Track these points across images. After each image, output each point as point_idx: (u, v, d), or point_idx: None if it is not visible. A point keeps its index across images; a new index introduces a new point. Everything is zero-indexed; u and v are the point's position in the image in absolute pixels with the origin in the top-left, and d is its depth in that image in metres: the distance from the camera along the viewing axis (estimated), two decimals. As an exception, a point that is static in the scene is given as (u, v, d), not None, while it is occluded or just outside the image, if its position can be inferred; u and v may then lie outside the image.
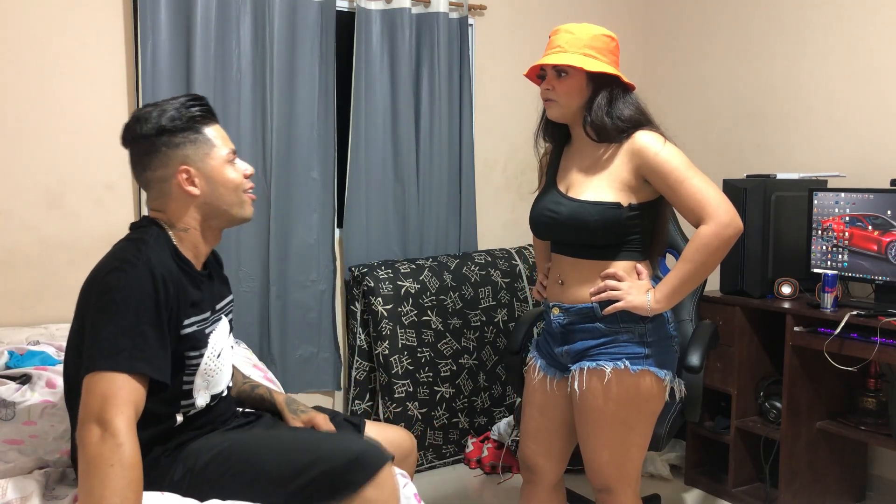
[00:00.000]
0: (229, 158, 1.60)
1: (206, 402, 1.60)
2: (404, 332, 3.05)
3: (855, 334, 2.45)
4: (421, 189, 3.30)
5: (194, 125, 1.55)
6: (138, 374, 1.36)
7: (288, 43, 2.97)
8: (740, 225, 1.69)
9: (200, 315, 1.56)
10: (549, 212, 1.82)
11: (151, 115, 1.53)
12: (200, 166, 1.56)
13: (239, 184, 1.61)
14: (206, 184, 1.56)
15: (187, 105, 1.56)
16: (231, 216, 1.62)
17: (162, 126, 1.52)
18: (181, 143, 1.54)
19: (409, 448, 1.85)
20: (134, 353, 1.36)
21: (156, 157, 1.54)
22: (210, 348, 1.58)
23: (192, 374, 1.55)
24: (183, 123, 1.54)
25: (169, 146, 1.53)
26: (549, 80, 1.79)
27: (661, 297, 1.74)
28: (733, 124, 3.44)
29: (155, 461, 1.52)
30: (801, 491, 2.74)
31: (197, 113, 1.56)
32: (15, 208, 2.59)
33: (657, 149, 1.71)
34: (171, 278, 1.46)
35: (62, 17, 2.62)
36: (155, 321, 1.41)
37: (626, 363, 1.75)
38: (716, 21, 3.50)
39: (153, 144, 1.53)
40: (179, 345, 1.51)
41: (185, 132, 1.54)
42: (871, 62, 2.90)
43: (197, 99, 1.58)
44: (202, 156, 1.56)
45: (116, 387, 1.33)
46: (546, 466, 1.96)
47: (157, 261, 1.46)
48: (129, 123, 1.56)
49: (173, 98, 1.58)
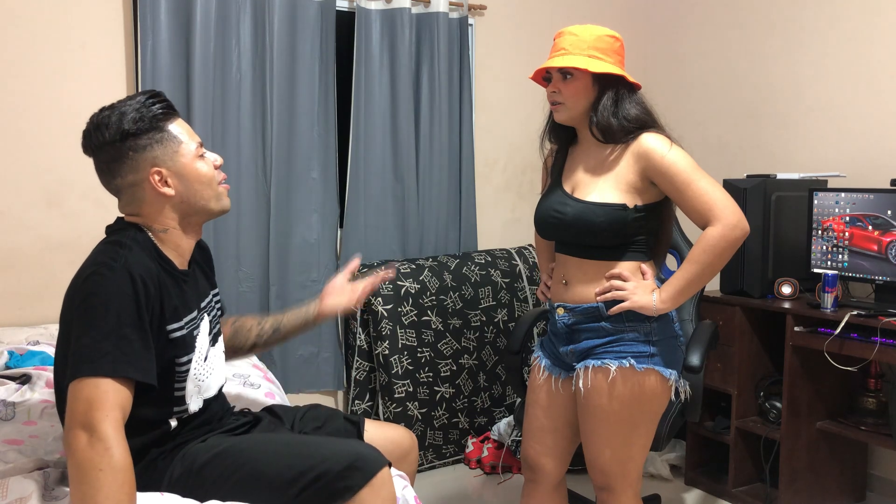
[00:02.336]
0: (199, 152, 1.56)
1: (198, 406, 1.59)
2: (404, 332, 3.05)
3: (855, 334, 2.45)
4: (421, 189, 3.30)
5: (157, 124, 1.50)
6: (123, 377, 1.34)
7: (288, 43, 2.97)
8: (747, 227, 1.69)
9: (188, 316, 1.54)
10: (555, 212, 1.82)
11: (111, 121, 1.47)
12: (171, 165, 1.51)
13: (212, 177, 1.57)
14: (180, 182, 1.52)
15: (147, 104, 1.50)
16: (209, 210, 1.58)
17: (125, 130, 1.46)
18: (147, 145, 1.49)
19: (409, 446, 1.85)
20: (117, 356, 1.34)
21: (124, 164, 1.49)
22: (197, 352, 1.56)
23: (182, 380, 1.53)
24: (146, 124, 1.48)
25: (136, 150, 1.48)
26: (554, 83, 1.79)
27: (667, 297, 1.74)
28: (733, 124, 3.44)
29: (152, 463, 1.52)
30: (801, 491, 2.74)
31: (159, 111, 1.50)
32: (15, 208, 2.59)
33: (664, 151, 1.71)
34: (151, 279, 1.44)
35: (62, 16, 2.62)
36: (136, 323, 1.39)
37: (631, 361, 1.75)
38: (716, 21, 3.50)
39: (119, 150, 1.48)
40: (168, 349, 1.49)
41: (149, 133, 1.49)
42: (871, 62, 2.90)
43: (155, 95, 1.53)
44: (171, 154, 1.51)
45: (101, 391, 1.31)
46: (549, 466, 1.95)
47: (136, 262, 1.43)
48: (87, 131, 1.50)
49: (129, 98, 1.51)
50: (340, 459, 1.47)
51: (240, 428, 1.69)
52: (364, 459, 1.48)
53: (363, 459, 1.48)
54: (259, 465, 1.49)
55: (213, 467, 1.50)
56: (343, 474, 1.45)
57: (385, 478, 1.49)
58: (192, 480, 1.50)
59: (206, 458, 1.51)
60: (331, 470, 1.45)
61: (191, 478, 1.50)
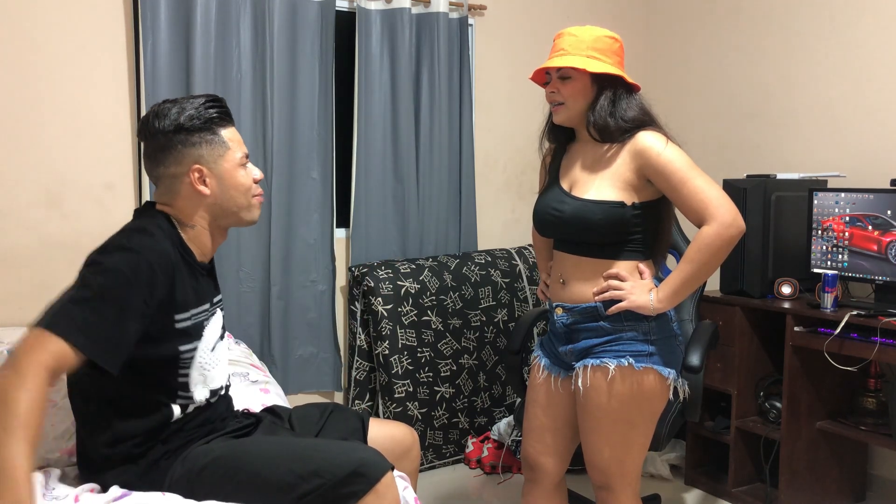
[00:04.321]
0: (242, 162, 1.63)
1: (205, 397, 1.60)
2: (404, 332, 3.05)
3: (855, 334, 2.45)
4: (421, 189, 3.30)
5: (211, 126, 1.58)
6: (72, 344, 1.33)
7: (288, 43, 2.97)
8: (742, 225, 1.70)
9: (199, 307, 1.58)
10: (553, 210, 1.82)
11: (170, 112, 1.55)
12: (213, 167, 1.58)
13: (249, 187, 1.64)
14: (218, 185, 1.59)
15: (207, 105, 1.58)
16: (239, 218, 1.65)
17: (180, 124, 1.55)
18: (197, 143, 1.56)
19: (410, 443, 1.86)
20: (79, 324, 1.34)
21: (170, 154, 1.56)
22: (204, 341, 1.59)
23: (186, 366, 1.55)
24: (200, 123, 1.56)
25: (185, 144, 1.56)
26: (553, 84, 1.80)
27: (664, 296, 1.74)
28: (733, 124, 3.44)
29: (155, 463, 1.52)
30: (801, 491, 2.74)
31: (215, 114, 1.59)
32: (14, 208, 2.59)
33: (660, 149, 1.71)
34: (165, 266, 1.47)
35: (62, 17, 2.62)
36: (122, 304, 1.39)
37: (630, 360, 1.75)
38: (716, 21, 3.50)
39: (169, 141, 1.55)
40: (174, 337, 1.52)
41: (201, 132, 1.57)
42: (871, 62, 2.90)
43: (216, 100, 1.61)
44: (216, 157, 1.58)
45: (43, 343, 1.31)
46: (549, 465, 1.96)
47: (153, 248, 1.46)
48: (146, 117, 1.58)
49: (193, 97, 1.60)
50: (344, 465, 1.47)
51: (242, 430, 1.69)
52: (367, 465, 1.48)
53: (367, 465, 1.48)
54: (260, 469, 1.49)
55: (213, 469, 1.51)
56: (347, 480, 1.45)
57: (389, 483, 1.49)
58: (193, 482, 1.50)
59: (207, 460, 1.52)
60: (334, 476, 1.45)
61: (191, 479, 1.50)
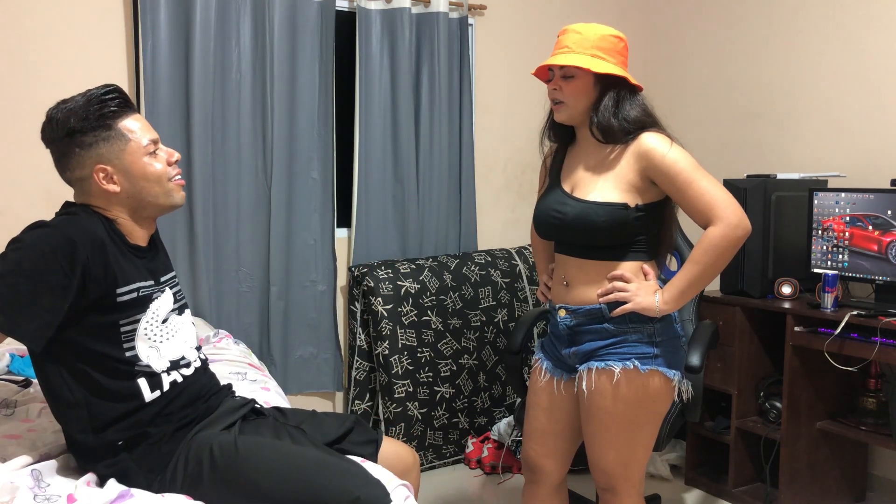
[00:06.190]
0: (149, 150, 1.55)
1: (164, 366, 1.56)
2: (404, 332, 3.05)
3: (855, 334, 2.45)
4: (421, 189, 3.30)
5: (105, 122, 1.50)
6: None
7: (288, 43, 2.96)
8: (749, 226, 1.69)
9: (139, 282, 1.54)
10: (556, 212, 1.80)
11: (61, 117, 1.48)
12: (117, 163, 1.52)
13: (162, 174, 1.57)
14: (126, 180, 1.53)
15: (97, 100, 1.50)
16: (159, 206, 1.59)
17: (71, 128, 1.48)
18: (93, 143, 1.50)
19: (411, 464, 1.82)
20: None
21: (71, 159, 1.51)
22: (151, 313, 1.55)
23: (130, 339, 1.51)
24: (93, 122, 1.49)
25: (81, 147, 1.49)
26: (556, 81, 1.77)
27: (670, 297, 1.73)
28: (733, 124, 3.44)
29: (154, 446, 1.51)
30: (802, 491, 2.74)
31: (108, 109, 1.50)
32: (15, 208, 2.58)
33: (664, 151, 1.70)
34: (93, 244, 1.44)
35: (62, 16, 2.62)
36: (37, 278, 1.38)
37: (635, 363, 1.74)
38: (716, 21, 3.50)
39: (66, 147, 1.50)
40: (113, 311, 1.48)
41: (95, 131, 1.49)
42: (871, 62, 2.90)
43: (109, 92, 1.52)
44: (117, 152, 1.52)
45: None
46: (550, 467, 1.95)
47: (78, 227, 1.45)
48: (43, 125, 1.51)
49: (87, 92, 1.51)
50: (343, 498, 1.44)
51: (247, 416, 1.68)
52: (368, 498, 1.45)
53: (367, 499, 1.45)
54: (258, 480, 1.47)
55: (212, 470, 1.50)
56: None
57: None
58: (194, 483, 1.50)
59: (207, 460, 1.51)
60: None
61: (192, 481, 1.50)
